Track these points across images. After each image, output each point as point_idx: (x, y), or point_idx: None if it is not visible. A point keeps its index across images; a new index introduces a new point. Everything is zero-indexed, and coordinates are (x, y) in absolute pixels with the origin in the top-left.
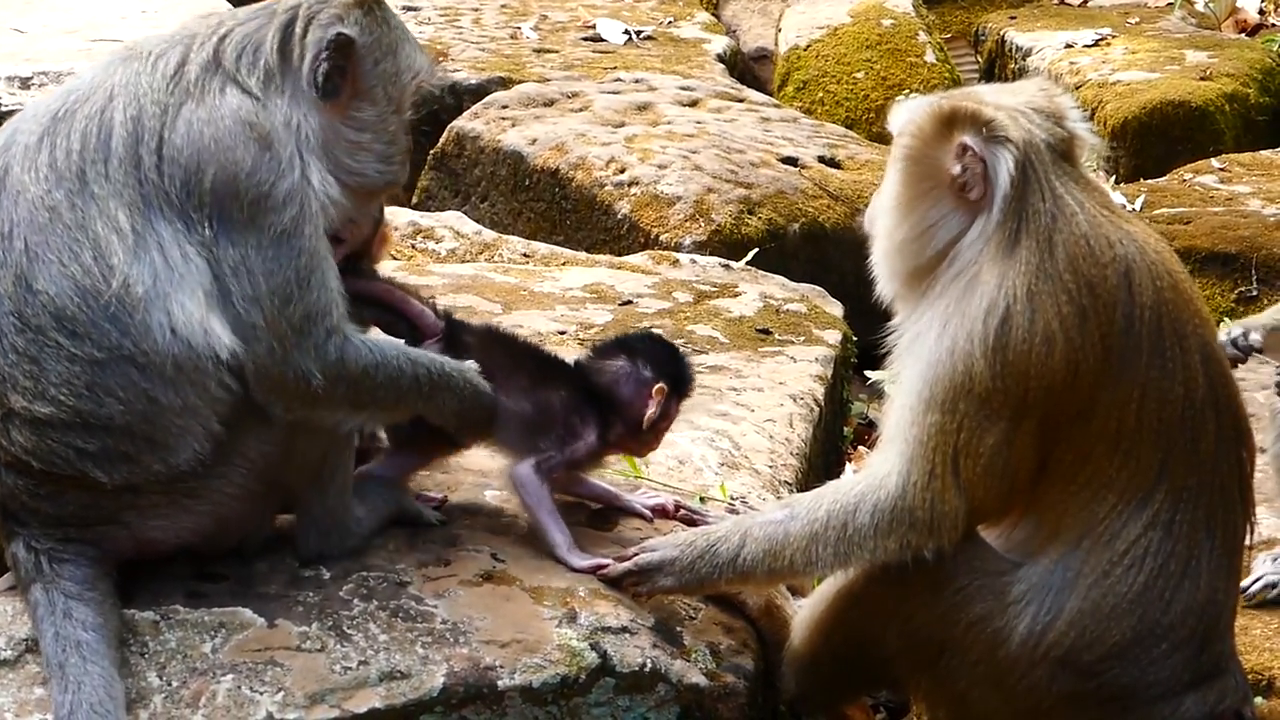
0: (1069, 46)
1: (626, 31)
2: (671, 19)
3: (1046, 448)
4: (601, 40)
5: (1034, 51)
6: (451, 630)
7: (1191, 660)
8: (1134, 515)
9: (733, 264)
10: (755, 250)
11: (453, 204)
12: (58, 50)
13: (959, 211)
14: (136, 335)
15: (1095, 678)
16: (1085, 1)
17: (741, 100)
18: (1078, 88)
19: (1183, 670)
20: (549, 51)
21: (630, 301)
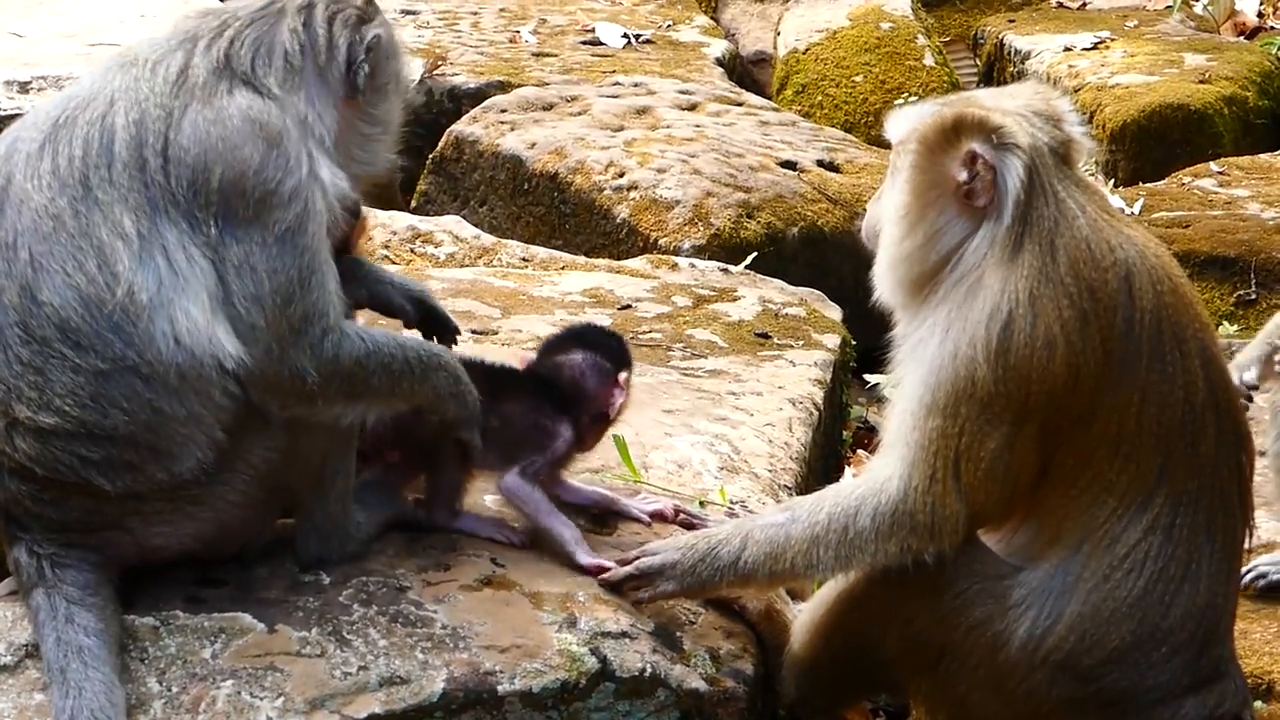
0: (1068, 50)
1: (625, 35)
2: (670, 22)
3: (1047, 452)
4: (600, 44)
5: (1033, 55)
6: (451, 635)
7: (1191, 664)
8: (1134, 519)
9: (731, 268)
10: (754, 254)
11: (451, 208)
12: (56, 54)
13: (964, 218)
14: (140, 346)
15: (1095, 682)
16: (1084, 5)
17: (740, 104)
18: (1076, 91)
19: (1182, 674)
20: (548, 55)
21: (629, 306)
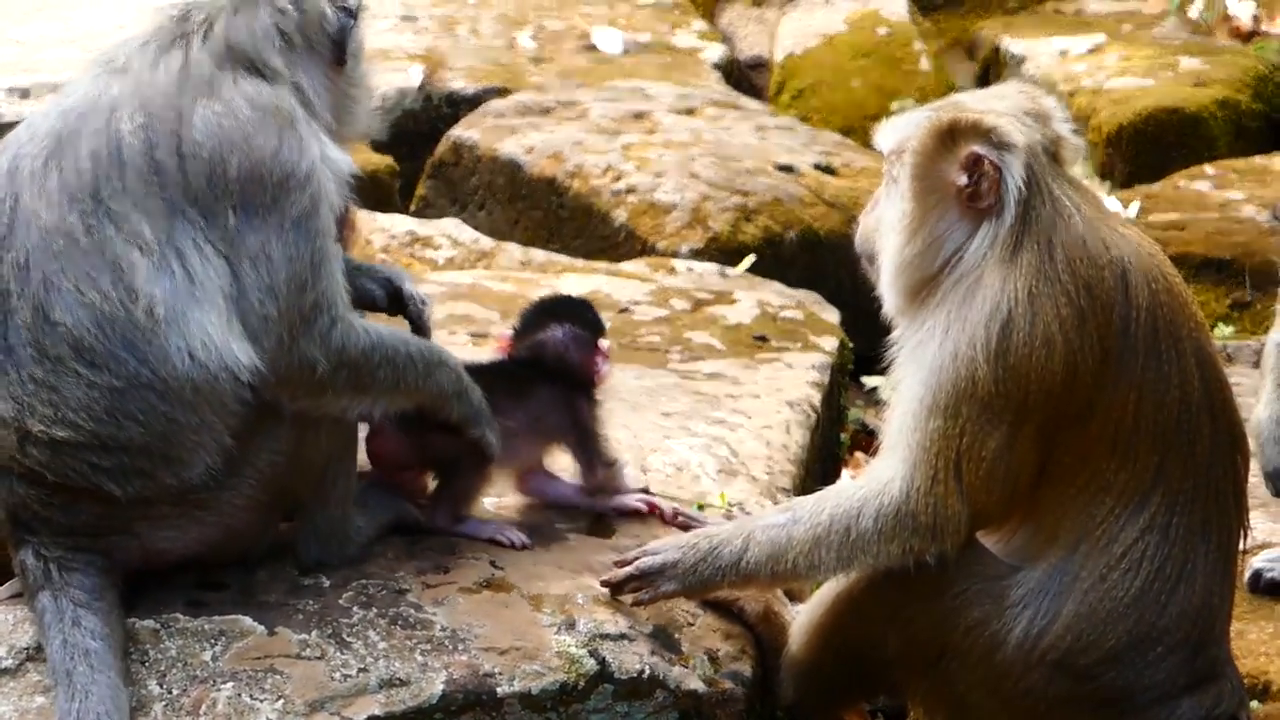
0: (1063, 54)
1: (623, 40)
2: (668, 27)
3: (1046, 451)
4: (598, 49)
5: (1029, 59)
6: (450, 637)
7: (1187, 664)
8: (1131, 519)
9: (729, 271)
10: (752, 257)
11: (450, 212)
12: (57, 60)
13: (964, 221)
14: (155, 363)
15: (1091, 681)
16: (1080, 9)
17: (738, 108)
18: (1072, 95)
19: (1178, 674)
20: (546, 60)
21: (627, 309)
